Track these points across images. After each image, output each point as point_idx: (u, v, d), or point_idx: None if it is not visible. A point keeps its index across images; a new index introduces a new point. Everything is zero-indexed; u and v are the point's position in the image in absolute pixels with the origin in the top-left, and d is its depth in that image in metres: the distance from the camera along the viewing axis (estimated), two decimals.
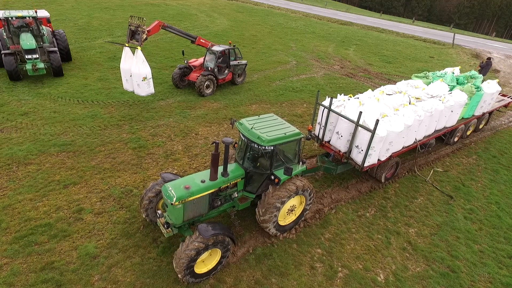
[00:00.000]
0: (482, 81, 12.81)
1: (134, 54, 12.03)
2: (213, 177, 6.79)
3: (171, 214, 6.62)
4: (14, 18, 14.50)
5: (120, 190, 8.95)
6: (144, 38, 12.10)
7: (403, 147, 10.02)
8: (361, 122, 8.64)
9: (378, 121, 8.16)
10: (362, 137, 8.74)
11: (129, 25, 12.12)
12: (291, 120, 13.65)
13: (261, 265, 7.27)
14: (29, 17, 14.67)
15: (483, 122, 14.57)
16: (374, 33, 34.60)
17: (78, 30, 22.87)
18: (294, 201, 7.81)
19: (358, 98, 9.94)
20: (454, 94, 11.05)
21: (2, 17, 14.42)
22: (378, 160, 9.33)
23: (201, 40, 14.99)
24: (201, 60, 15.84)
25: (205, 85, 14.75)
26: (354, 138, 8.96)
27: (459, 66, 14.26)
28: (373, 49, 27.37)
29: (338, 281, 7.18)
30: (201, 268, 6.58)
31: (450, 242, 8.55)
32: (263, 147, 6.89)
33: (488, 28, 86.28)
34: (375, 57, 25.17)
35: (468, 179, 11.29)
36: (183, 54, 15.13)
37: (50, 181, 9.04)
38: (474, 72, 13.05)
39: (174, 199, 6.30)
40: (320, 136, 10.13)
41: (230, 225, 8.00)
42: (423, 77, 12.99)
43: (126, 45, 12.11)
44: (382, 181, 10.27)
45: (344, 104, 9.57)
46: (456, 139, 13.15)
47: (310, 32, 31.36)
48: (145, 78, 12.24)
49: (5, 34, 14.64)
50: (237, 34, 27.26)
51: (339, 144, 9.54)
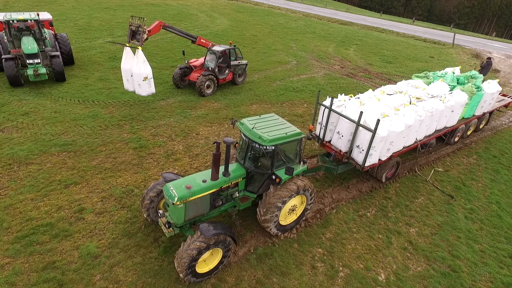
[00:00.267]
0: (483, 81, 12.83)
1: (135, 54, 12.04)
2: (214, 177, 6.83)
3: (173, 214, 6.63)
4: (16, 21, 13.97)
5: (121, 190, 8.97)
6: (144, 38, 12.11)
7: (404, 147, 10.03)
8: (362, 122, 8.66)
9: (379, 121, 8.18)
10: (363, 137, 8.75)
11: (129, 25, 12.12)
12: (292, 120, 13.66)
13: (262, 264, 7.28)
14: (30, 20, 14.10)
15: (484, 122, 14.58)
16: (374, 33, 34.60)
17: (79, 30, 22.88)
18: (295, 200, 7.82)
19: (358, 98, 9.95)
20: (454, 94, 11.07)
21: (2, 20, 13.85)
22: (379, 160, 9.34)
23: (201, 40, 15.00)
24: (201, 60, 15.84)
25: (205, 85, 14.76)
26: (355, 138, 8.97)
27: (460, 66, 14.26)
28: (373, 49, 27.37)
29: (339, 280, 7.19)
30: (202, 267, 6.59)
31: (451, 242, 8.56)
32: (264, 147, 6.90)
33: (488, 28, 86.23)
34: (375, 57, 25.17)
35: (468, 179, 11.30)
36: (184, 54, 15.13)
37: (51, 181, 9.06)
38: (474, 72, 13.06)
39: (176, 199, 6.31)
40: (321, 136, 10.14)
41: (231, 224, 8.02)
42: (424, 77, 12.99)
43: (127, 45, 12.12)
44: (383, 181, 10.29)
45: (344, 104, 9.58)
46: (456, 139, 13.16)
47: (310, 32, 31.36)
48: (146, 78, 12.24)
49: (5, 37, 14.13)
50: (237, 34, 27.27)
51: (340, 144, 9.55)
